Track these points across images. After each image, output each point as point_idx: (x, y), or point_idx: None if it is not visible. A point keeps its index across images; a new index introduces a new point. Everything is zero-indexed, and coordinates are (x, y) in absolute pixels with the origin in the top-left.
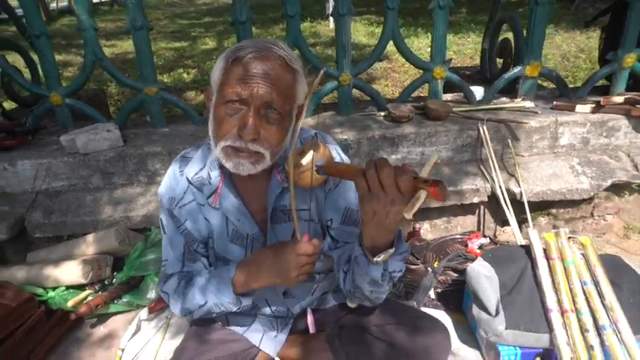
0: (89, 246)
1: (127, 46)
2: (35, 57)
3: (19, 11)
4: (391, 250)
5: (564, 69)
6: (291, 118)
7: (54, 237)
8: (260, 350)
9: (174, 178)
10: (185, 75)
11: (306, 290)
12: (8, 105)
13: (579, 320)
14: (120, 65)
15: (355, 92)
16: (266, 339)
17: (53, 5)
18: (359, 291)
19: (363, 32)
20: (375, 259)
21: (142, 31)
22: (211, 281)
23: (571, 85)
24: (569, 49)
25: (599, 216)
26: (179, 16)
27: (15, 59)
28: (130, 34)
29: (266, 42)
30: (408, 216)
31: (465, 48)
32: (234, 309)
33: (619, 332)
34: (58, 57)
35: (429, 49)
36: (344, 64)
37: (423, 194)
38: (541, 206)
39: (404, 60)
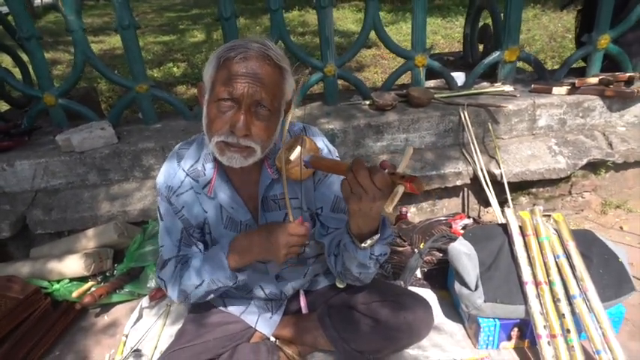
0: (90, 240)
1: (114, 41)
2: (24, 56)
3: (4, 9)
4: (376, 237)
5: (551, 49)
6: (280, 114)
7: (55, 233)
8: (256, 331)
9: (172, 170)
10: (175, 69)
11: (297, 274)
12: (0, 106)
13: (552, 291)
14: (108, 62)
15: (342, 82)
16: (261, 320)
17: (37, 1)
18: (349, 272)
19: (351, 19)
20: (362, 245)
21: (130, 30)
22: (206, 260)
23: (557, 66)
24: (556, 29)
25: (577, 194)
26: (166, 9)
27: (2, 59)
28: (117, 30)
29: (255, 41)
30: (389, 210)
31: (453, 32)
32: (230, 284)
33: (588, 301)
34: (46, 55)
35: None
36: (328, 56)
37: (400, 189)
38: (521, 186)
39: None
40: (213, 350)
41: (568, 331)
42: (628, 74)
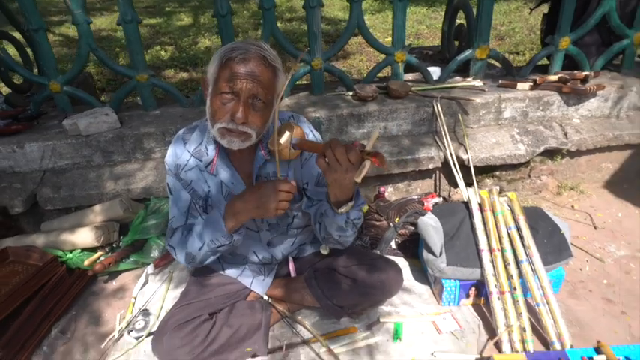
0: (97, 215)
1: (100, 22)
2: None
3: None
4: (351, 203)
5: (530, 42)
6: (272, 105)
7: (63, 209)
8: (251, 291)
9: (179, 151)
10: (163, 53)
11: (285, 241)
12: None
13: (503, 256)
14: (96, 43)
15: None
16: (255, 282)
17: None
18: (330, 237)
19: (338, 6)
20: (339, 210)
21: (132, 24)
22: (206, 223)
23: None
24: (536, 22)
25: (535, 177)
26: None
27: (4, 46)
28: (102, 11)
29: (253, 44)
30: (358, 180)
31: (438, 22)
32: (227, 243)
33: (533, 264)
34: None
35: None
36: (315, 50)
37: (367, 163)
38: (487, 170)
39: (378, 35)
40: (215, 305)
41: (515, 289)
42: (584, 73)
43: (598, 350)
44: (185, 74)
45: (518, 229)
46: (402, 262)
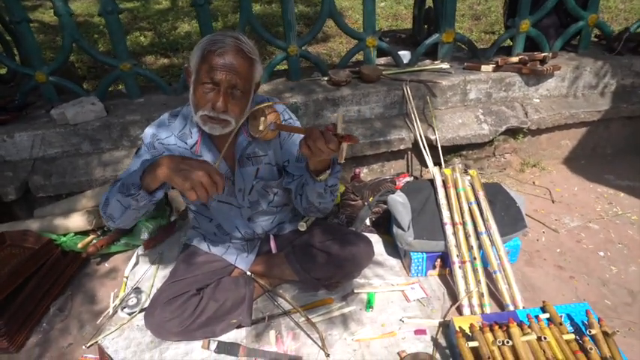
0: (88, 200)
1: (75, 7)
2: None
3: None
4: (328, 171)
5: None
6: (251, 93)
7: (54, 196)
8: (235, 267)
9: (163, 126)
10: (142, 38)
11: (265, 217)
12: None
13: (464, 229)
14: None
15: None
16: (239, 259)
17: None
18: (312, 205)
19: None
20: (318, 178)
21: (113, 14)
22: (130, 169)
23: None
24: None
25: (499, 155)
26: None
27: None
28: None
29: (231, 36)
30: (342, 161)
31: None
32: (133, 192)
33: (491, 236)
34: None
35: (383, 3)
36: (291, 38)
37: (344, 145)
38: (454, 149)
39: (357, 17)
40: (201, 282)
41: (475, 258)
42: (543, 54)
43: (543, 310)
44: (166, 60)
45: (478, 204)
46: (375, 238)
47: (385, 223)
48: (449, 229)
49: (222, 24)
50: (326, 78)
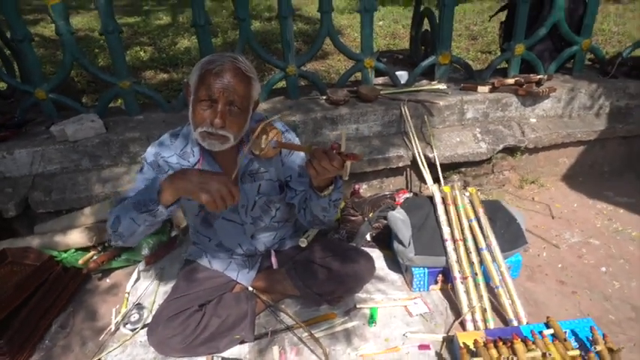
0: (88, 216)
1: (76, 22)
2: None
3: None
4: (331, 187)
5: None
6: (249, 111)
7: (54, 212)
8: (237, 283)
9: (164, 146)
10: (142, 53)
11: (267, 233)
12: None
13: (465, 245)
14: None
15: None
16: (241, 275)
17: None
18: (316, 218)
19: (316, 4)
20: (322, 194)
21: (114, 34)
22: (144, 187)
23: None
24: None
25: (498, 172)
26: None
27: None
28: (78, 10)
29: (229, 56)
30: (346, 178)
31: None
32: (151, 208)
33: (492, 252)
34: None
35: (381, 22)
36: (289, 58)
37: (349, 163)
38: (453, 167)
39: (355, 35)
40: (203, 298)
41: (476, 274)
42: (538, 76)
43: (547, 325)
44: (165, 75)
45: (478, 221)
46: (376, 253)
47: (386, 239)
48: (449, 245)
49: (221, 40)
50: (324, 97)
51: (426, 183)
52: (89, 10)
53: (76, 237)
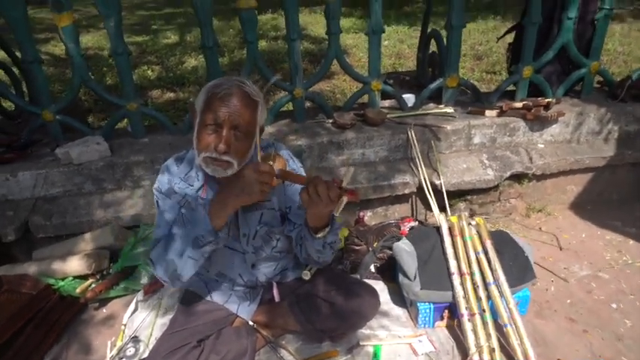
0: (88, 243)
1: (86, 40)
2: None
3: None
4: (327, 229)
5: (506, 60)
6: (254, 136)
7: (54, 236)
8: (237, 317)
9: (169, 178)
10: (150, 72)
11: (269, 264)
12: None
13: (472, 279)
14: None
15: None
16: (241, 308)
17: None
18: (310, 258)
19: (322, 24)
20: (317, 235)
21: (123, 56)
22: (188, 221)
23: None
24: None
25: (505, 200)
26: (137, 7)
27: None
28: (89, 28)
29: (236, 80)
30: (337, 214)
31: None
32: (212, 239)
33: (500, 287)
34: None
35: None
36: (296, 81)
37: (345, 199)
38: (459, 194)
39: (361, 54)
40: (202, 333)
41: (484, 310)
42: (547, 100)
43: None
44: (172, 94)
45: (486, 253)
46: (380, 286)
47: (390, 270)
48: (456, 280)
49: (228, 60)
50: (331, 120)
51: (431, 210)
52: (99, 28)
53: (75, 264)
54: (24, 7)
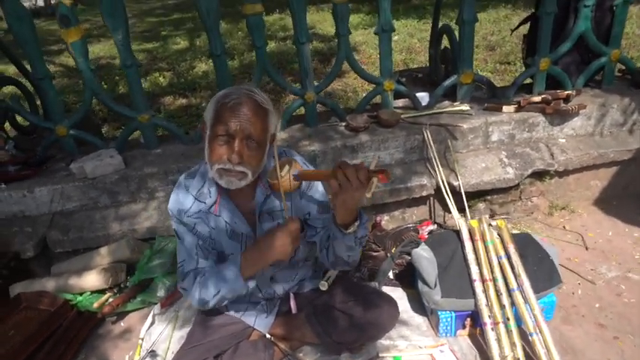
0: (105, 257)
1: (97, 50)
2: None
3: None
4: (357, 223)
5: (520, 51)
6: (266, 144)
7: (72, 251)
8: (254, 329)
9: (181, 196)
10: (161, 79)
11: (287, 276)
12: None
13: (495, 286)
14: (95, 72)
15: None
16: (259, 320)
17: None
18: (340, 259)
19: (330, 22)
20: (347, 231)
21: (132, 68)
22: (222, 274)
23: (523, 68)
24: (526, 30)
25: (526, 198)
26: (146, 13)
27: (9, 89)
28: (100, 38)
29: (245, 89)
30: (369, 195)
31: (429, 34)
32: (244, 292)
33: (524, 293)
34: None
35: (396, 37)
36: (307, 85)
37: (375, 180)
38: (478, 194)
39: (371, 51)
40: (219, 347)
41: (508, 319)
42: (566, 92)
43: None
44: (184, 100)
45: (509, 258)
46: (399, 293)
47: (409, 276)
48: (478, 287)
49: (238, 63)
50: (344, 123)
51: (450, 212)
52: (110, 37)
53: (92, 279)
54: (31, 23)
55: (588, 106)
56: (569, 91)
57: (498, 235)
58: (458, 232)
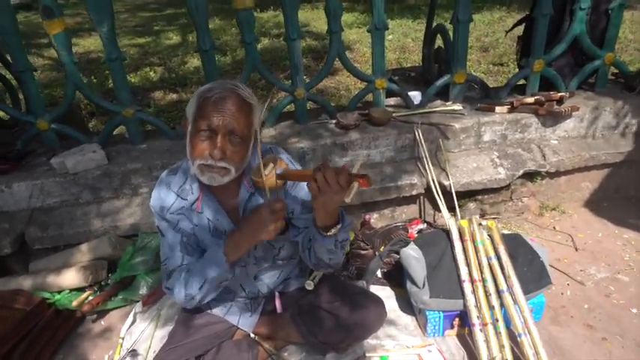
0: (85, 254)
1: (88, 44)
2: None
3: None
4: (339, 226)
5: (513, 52)
6: (250, 140)
7: (51, 248)
8: (238, 329)
9: (163, 193)
10: (152, 74)
11: (271, 273)
12: None
13: (484, 287)
14: (85, 66)
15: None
16: (242, 319)
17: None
18: (321, 261)
19: (324, 20)
20: (327, 234)
21: (117, 62)
22: (206, 262)
23: (517, 69)
24: (520, 32)
25: (517, 199)
26: (140, 8)
27: None
28: (91, 32)
29: (229, 83)
30: (348, 200)
31: (423, 34)
32: (230, 277)
33: (513, 294)
34: None
35: (390, 36)
36: (297, 81)
37: (355, 184)
38: (469, 194)
39: (365, 50)
40: (202, 347)
41: (497, 320)
42: (560, 94)
43: None
44: (174, 95)
45: (499, 259)
46: (387, 292)
47: (398, 275)
48: (467, 287)
49: (231, 59)
50: (334, 121)
51: (440, 211)
52: None
53: (71, 277)
54: (12, 15)
55: (581, 108)
56: (563, 93)
57: (488, 235)
58: (448, 232)
